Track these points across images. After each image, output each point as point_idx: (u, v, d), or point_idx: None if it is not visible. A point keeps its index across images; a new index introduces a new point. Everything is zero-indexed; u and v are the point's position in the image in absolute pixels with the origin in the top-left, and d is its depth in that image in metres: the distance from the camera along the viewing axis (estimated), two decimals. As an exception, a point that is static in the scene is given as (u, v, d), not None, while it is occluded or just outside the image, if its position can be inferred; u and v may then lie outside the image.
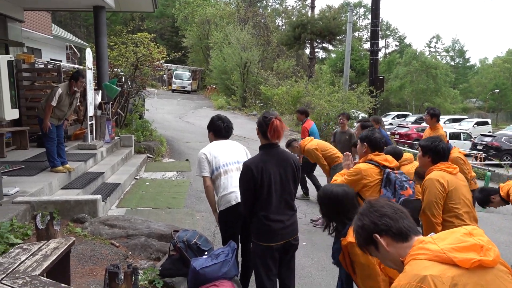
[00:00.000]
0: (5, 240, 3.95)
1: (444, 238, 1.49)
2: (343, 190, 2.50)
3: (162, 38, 46.05)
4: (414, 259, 1.47)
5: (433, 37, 79.16)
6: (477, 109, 54.26)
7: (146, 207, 6.54)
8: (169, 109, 22.11)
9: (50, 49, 18.56)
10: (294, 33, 31.15)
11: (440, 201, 3.19)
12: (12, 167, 6.48)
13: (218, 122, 3.89)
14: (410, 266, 1.46)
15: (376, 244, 1.62)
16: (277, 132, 3.05)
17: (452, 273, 1.36)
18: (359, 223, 1.68)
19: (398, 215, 1.61)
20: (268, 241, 3.08)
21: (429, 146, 3.39)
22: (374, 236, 1.60)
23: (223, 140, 3.90)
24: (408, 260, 1.51)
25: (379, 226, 1.60)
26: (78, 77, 6.43)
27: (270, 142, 3.14)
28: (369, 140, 3.67)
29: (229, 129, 3.92)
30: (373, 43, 18.31)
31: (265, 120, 3.09)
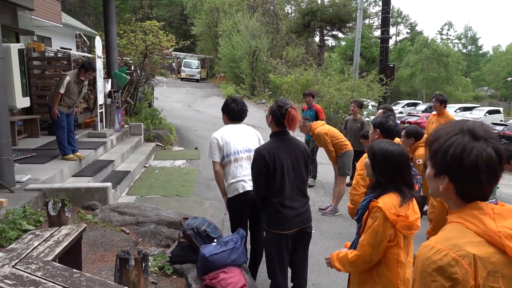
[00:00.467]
0: (18, 226, 4.02)
1: (506, 217, 1.29)
2: (399, 149, 2.35)
3: (171, 26, 45.91)
4: (462, 224, 1.30)
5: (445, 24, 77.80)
6: (489, 98, 53.49)
7: (156, 195, 6.60)
8: (178, 98, 22.14)
9: (60, 37, 18.62)
10: (303, 20, 30.88)
11: None
12: (24, 154, 6.56)
13: (233, 105, 3.85)
14: (455, 231, 1.30)
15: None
16: (294, 121, 3.06)
17: (497, 259, 1.25)
18: (447, 149, 1.32)
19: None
20: (282, 228, 3.08)
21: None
22: (443, 175, 1.34)
23: (237, 124, 3.88)
24: (453, 219, 1.34)
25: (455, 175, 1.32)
26: (88, 69, 6.46)
27: (282, 130, 3.15)
28: (382, 127, 3.57)
29: (243, 112, 3.88)
30: (383, 30, 18.04)
31: (280, 109, 3.08)
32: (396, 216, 2.18)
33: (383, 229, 2.19)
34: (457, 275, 1.21)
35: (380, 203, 2.22)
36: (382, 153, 2.32)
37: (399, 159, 2.30)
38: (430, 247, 1.28)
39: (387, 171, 2.30)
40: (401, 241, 2.22)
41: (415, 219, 2.25)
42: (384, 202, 2.22)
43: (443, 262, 1.23)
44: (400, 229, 2.19)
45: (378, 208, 2.22)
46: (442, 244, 1.27)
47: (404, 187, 2.28)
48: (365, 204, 2.34)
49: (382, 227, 2.19)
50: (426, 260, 1.27)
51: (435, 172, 1.37)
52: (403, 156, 2.33)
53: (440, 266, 1.23)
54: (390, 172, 2.29)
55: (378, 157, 2.33)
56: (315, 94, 8.67)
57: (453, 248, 1.25)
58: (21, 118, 8.16)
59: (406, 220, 2.19)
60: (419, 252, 1.31)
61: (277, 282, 3.21)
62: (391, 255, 2.23)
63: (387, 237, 2.20)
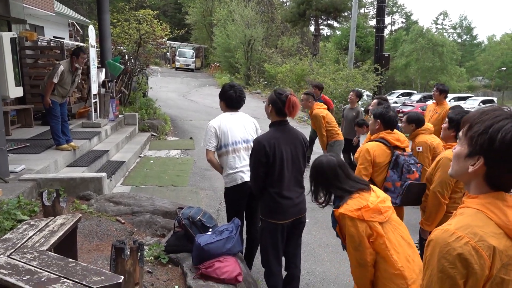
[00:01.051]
0: (12, 216, 4.02)
1: None
2: (327, 159, 2.46)
3: (165, 15, 45.47)
4: (483, 212, 1.28)
5: (440, 14, 77.72)
6: (483, 88, 53.72)
7: (151, 185, 6.60)
8: (173, 87, 22.03)
9: (53, 26, 18.38)
10: (298, 9, 30.69)
11: (452, 182, 3.15)
12: (17, 144, 6.53)
13: (231, 92, 3.78)
14: (477, 219, 1.27)
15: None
16: (295, 108, 3.06)
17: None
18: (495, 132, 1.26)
19: None
20: (278, 218, 3.10)
21: (458, 120, 3.19)
22: (478, 157, 1.30)
23: (235, 111, 3.84)
24: (473, 204, 1.31)
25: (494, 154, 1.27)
26: (79, 52, 6.38)
27: (281, 119, 3.15)
28: (383, 118, 3.62)
29: (241, 99, 3.82)
30: (379, 19, 18.03)
31: (280, 97, 3.08)
32: (357, 210, 2.22)
33: (355, 229, 2.23)
34: (475, 265, 1.21)
35: (340, 209, 2.28)
36: (314, 167, 2.49)
37: (325, 168, 2.43)
38: (450, 233, 1.26)
39: (323, 181, 2.44)
40: (380, 230, 2.22)
41: (379, 201, 2.28)
42: (343, 206, 2.28)
43: (463, 250, 1.22)
44: (370, 219, 2.21)
45: (340, 214, 2.28)
46: (463, 231, 1.24)
47: (349, 185, 2.37)
48: (332, 218, 2.41)
49: (353, 228, 2.23)
50: (445, 245, 1.24)
51: (469, 152, 1.32)
52: (329, 164, 2.44)
53: (460, 254, 1.22)
54: (326, 181, 2.43)
55: (312, 173, 2.50)
56: (322, 86, 8.80)
57: (474, 236, 1.23)
58: (14, 108, 8.10)
59: (369, 208, 2.22)
60: (436, 236, 1.28)
61: (271, 270, 3.24)
62: (379, 247, 2.23)
63: (364, 234, 2.21)
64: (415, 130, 4.69)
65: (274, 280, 3.27)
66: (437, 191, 3.17)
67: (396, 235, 2.27)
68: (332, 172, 2.41)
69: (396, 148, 3.56)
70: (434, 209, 3.24)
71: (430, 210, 3.27)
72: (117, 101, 10.25)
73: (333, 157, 2.49)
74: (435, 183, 3.19)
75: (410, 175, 3.43)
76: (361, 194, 2.30)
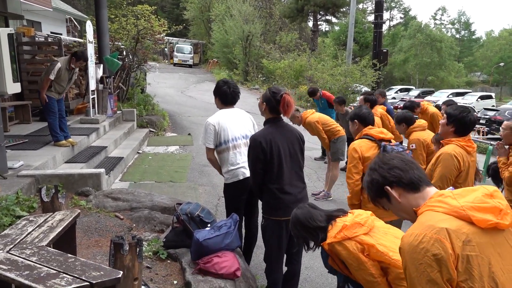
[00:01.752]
0: (11, 212, 4.02)
1: (465, 195, 1.48)
2: (299, 211, 2.55)
3: (163, 10, 45.30)
4: (431, 210, 1.48)
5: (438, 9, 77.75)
6: (481, 83, 53.76)
7: (149, 181, 6.61)
8: (171, 83, 21.99)
9: (50, 22, 18.29)
10: (297, 5, 30.63)
11: (452, 177, 3.16)
12: (15, 141, 6.53)
13: (224, 88, 3.76)
14: (425, 217, 1.47)
15: (388, 197, 1.63)
16: (289, 107, 3.05)
17: (468, 230, 1.39)
18: (369, 178, 1.69)
19: (408, 166, 1.62)
20: (281, 215, 3.09)
21: (456, 116, 3.19)
22: (385, 188, 1.61)
23: (230, 108, 3.83)
24: (423, 210, 1.52)
25: (389, 178, 1.61)
26: (80, 58, 6.41)
27: (275, 116, 3.15)
28: (358, 117, 3.70)
29: (235, 94, 3.80)
30: (377, 15, 18.02)
31: (274, 95, 3.07)
32: (339, 233, 2.25)
33: (347, 251, 2.22)
34: (438, 251, 1.35)
35: (326, 241, 2.31)
36: (293, 223, 2.54)
37: (302, 219, 2.47)
38: (409, 236, 1.43)
39: (303, 230, 2.47)
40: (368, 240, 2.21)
41: (355, 216, 2.33)
42: (329, 237, 2.30)
43: (423, 244, 1.38)
44: (354, 235, 2.22)
45: (328, 245, 2.30)
46: (418, 230, 1.42)
47: (323, 226, 2.39)
48: (323, 253, 2.45)
49: (345, 251, 2.22)
50: (409, 246, 1.42)
51: (379, 200, 1.73)
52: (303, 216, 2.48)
53: (422, 248, 1.38)
54: (306, 229, 2.45)
55: (296, 228, 2.53)
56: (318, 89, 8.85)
57: (428, 229, 1.40)
58: (12, 104, 8.08)
59: (347, 226, 2.25)
60: (403, 243, 1.45)
61: (272, 266, 3.26)
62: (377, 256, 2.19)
63: (357, 251, 2.20)
64: (407, 128, 4.73)
65: (275, 276, 3.29)
66: (438, 186, 3.18)
67: (389, 237, 2.26)
68: (309, 218, 2.46)
69: (381, 141, 3.60)
70: None
71: None
72: (115, 97, 10.23)
73: (300, 208, 2.58)
74: (435, 178, 3.20)
75: None
76: (336, 221, 2.35)
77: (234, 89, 3.80)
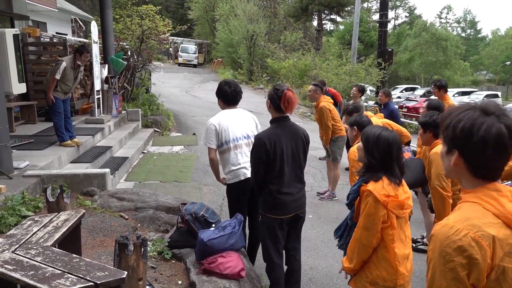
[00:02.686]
0: (17, 212, 4.05)
1: None
2: (392, 135, 2.39)
3: (167, 10, 45.40)
4: (480, 205, 1.30)
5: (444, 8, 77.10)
6: (488, 82, 53.36)
7: (154, 181, 6.62)
8: (176, 83, 22.03)
9: (55, 22, 18.38)
10: (301, 4, 30.57)
11: None
12: (21, 141, 6.56)
13: (225, 87, 3.75)
14: (472, 211, 1.30)
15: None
16: (290, 104, 3.04)
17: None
18: (448, 121, 1.35)
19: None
20: (278, 213, 3.13)
21: (428, 122, 3.44)
22: (454, 150, 1.34)
23: (233, 108, 3.82)
24: (471, 199, 1.33)
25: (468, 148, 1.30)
26: (83, 51, 6.40)
27: (281, 115, 3.14)
28: (357, 124, 3.71)
29: (236, 94, 3.78)
30: (382, 14, 17.89)
31: (277, 92, 3.07)
32: (386, 196, 2.24)
33: (375, 211, 2.26)
34: (477, 255, 1.22)
35: (370, 186, 2.29)
36: (375, 136, 2.37)
37: (391, 143, 2.35)
38: (449, 227, 1.28)
39: (378, 154, 2.35)
40: (394, 222, 2.28)
41: (405, 198, 2.32)
42: (374, 185, 2.29)
43: (463, 242, 1.23)
44: (391, 209, 2.26)
45: (368, 191, 2.29)
46: (461, 224, 1.26)
47: (393, 171, 2.34)
48: (356, 188, 2.40)
49: (374, 209, 2.26)
50: (445, 239, 1.27)
51: (447, 148, 1.38)
52: (395, 141, 2.37)
53: (460, 246, 1.24)
54: (380, 155, 2.34)
55: (371, 141, 2.38)
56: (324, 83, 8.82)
57: (473, 228, 1.24)
58: (18, 104, 8.13)
59: (397, 200, 2.26)
60: (436, 231, 1.31)
61: (273, 264, 3.27)
62: (386, 236, 2.29)
63: (381, 219, 2.26)
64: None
65: (276, 274, 3.30)
66: (436, 185, 3.25)
67: (401, 232, 2.35)
68: (395, 148, 2.36)
69: None
70: (441, 205, 3.27)
71: (438, 207, 3.31)
72: (120, 97, 10.26)
73: (393, 133, 2.42)
74: (432, 179, 3.29)
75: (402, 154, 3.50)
76: (392, 183, 2.32)
77: (235, 89, 3.78)
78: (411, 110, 21.98)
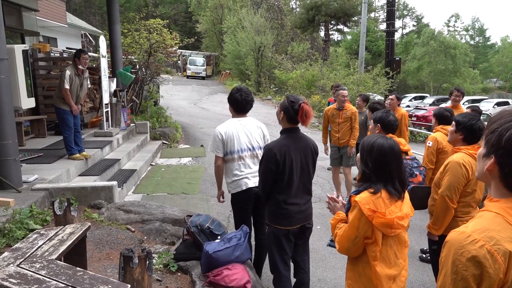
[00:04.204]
0: (25, 226, 4.07)
1: None
2: (390, 143, 2.25)
3: (176, 24, 45.98)
4: (503, 218, 1.25)
5: (451, 16, 77.28)
6: (498, 89, 52.87)
7: (162, 193, 6.63)
8: (184, 95, 22.18)
9: (66, 37, 18.73)
10: (308, 15, 30.74)
11: (461, 186, 3.10)
12: (31, 155, 6.62)
13: (236, 95, 3.74)
14: (492, 222, 1.25)
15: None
16: (308, 117, 3.04)
17: None
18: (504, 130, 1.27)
19: None
20: (284, 224, 3.10)
21: (465, 123, 3.15)
22: (491, 156, 1.30)
23: (243, 117, 3.81)
24: (494, 209, 1.29)
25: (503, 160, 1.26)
26: (79, 54, 6.48)
27: (293, 126, 3.14)
28: (382, 122, 3.62)
29: (247, 102, 3.76)
30: (389, 23, 17.93)
31: (293, 105, 3.05)
32: (371, 211, 2.11)
33: (358, 224, 2.15)
34: (490, 268, 1.19)
35: (357, 197, 2.18)
36: (370, 145, 2.25)
37: (386, 152, 2.20)
38: (466, 235, 1.25)
39: (372, 163, 2.22)
40: (379, 239, 2.14)
41: (397, 216, 2.14)
42: (361, 197, 2.17)
43: (478, 253, 1.20)
44: (377, 226, 2.12)
45: (355, 202, 2.18)
46: (479, 234, 1.23)
47: (390, 183, 2.19)
48: (349, 198, 2.31)
49: (357, 222, 2.15)
50: (460, 248, 1.24)
51: (486, 152, 1.33)
52: (392, 150, 2.22)
53: (475, 256, 1.21)
54: (375, 165, 2.21)
55: (366, 149, 2.26)
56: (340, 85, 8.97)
57: (490, 240, 1.21)
58: (28, 118, 8.23)
59: (383, 217, 2.10)
60: (452, 238, 1.28)
61: (280, 276, 3.23)
62: (369, 253, 2.18)
63: (363, 233, 2.15)
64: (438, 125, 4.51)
65: (283, 286, 3.25)
66: (446, 195, 3.12)
67: (391, 251, 2.21)
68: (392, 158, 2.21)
69: None
70: (442, 213, 3.19)
71: (438, 214, 3.22)
72: (128, 110, 10.35)
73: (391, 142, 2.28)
74: (443, 187, 3.14)
75: (413, 179, 3.38)
76: (391, 197, 2.17)
77: (246, 97, 3.75)
78: (420, 119, 21.79)
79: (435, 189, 3.29)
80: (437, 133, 4.36)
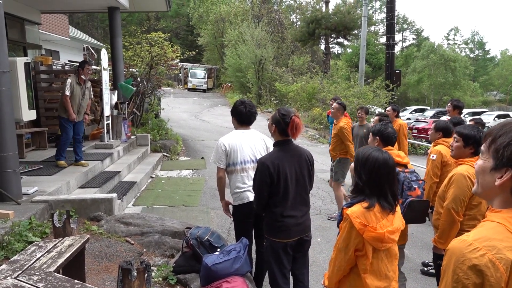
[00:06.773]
0: (24, 238, 4.05)
1: None
2: (384, 157, 2.24)
3: (177, 37, 46.37)
4: (505, 228, 1.25)
5: (451, 30, 77.85)
6: (498, 102, 52.98)
7: (162, 205, 6.61)
8: (185, 108, 22.26)
9: (68, 50, 18.89)
10: (308, 29, 30.97)
11: (466, 199, 3.08)
12: (31, 167, 6.63)
13: (241, 107, 3.75)
14: (495, 232, 1.25)
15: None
16: (298, 130, 3.05)
17: None
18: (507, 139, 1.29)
19: None
20: (282, 237, 3.08)
21: (475, 137, 3.10)
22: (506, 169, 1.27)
23: (246, 129, 3.81)
24: (496, 219, 1.29)
25: None
26: (84, 65, 6.65)
27: (285, 139, 3.14)
28: (381, 134, 3.60)
29: (251, 114, 3.77)
30: (388, 37, 18.04)
31: (283, 117, 3.07)
32: (362, 225, 2.12)
33: (349, 236, 2.16)
34: (491, 277, 1.19)
35: (349, 211, 2.18)
36: (365, 157, 2.25)
37: (380, 165, 2.20)
38: (467, 243, 1.24)
39: (366, 176, 2.21)
40: (370, 252, 2.15)
41: (388, 231, 2.15)
42: (353, 210, 2.17)
43: (479, 261, 1.20)
44: (368, 240, 2.13)
45: (346, 215, 2.19)
46: (481, 243, 1.23)
47: (383, 196, 2.19)
48: (341, 211, 2.32)
49: (348, 234, 2.17)
50: (461, 256, 1.23)
51: (495, 164, 1.30)
52: (386, 163, 2.22)
53: (476, 265, 1.21)
54: (367, 176, 2.21)
55: (360, 161, 2.26)
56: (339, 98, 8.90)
57: (492, 249, 1.21)
58: (29, 131, 8.25)
59: (374, 231, 2.11)
60: (453, 246, 1.28)
61: (277, 289, 3.19)
62: (360, 265, 2.19)
63: (353, 245, 2.16)
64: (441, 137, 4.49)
65: None
66: (451, 208, 3.08)
67: (382, 264, 2.21)
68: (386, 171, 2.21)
69: (397, 165, 3.50)
70: (448, 227, 3.15)
71: (444, 227, 3.18)
72: (129, 122, 10.38)
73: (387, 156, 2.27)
74: (449, 200, 3.11)
75: (411, 192, 3.35)
76: (381, 212, 2.17)
77: (250, 109, 3.77)
78: (421, 132, 21.81)
79: (439, 203, 3.27)
80: (440, 146, 4.34)
